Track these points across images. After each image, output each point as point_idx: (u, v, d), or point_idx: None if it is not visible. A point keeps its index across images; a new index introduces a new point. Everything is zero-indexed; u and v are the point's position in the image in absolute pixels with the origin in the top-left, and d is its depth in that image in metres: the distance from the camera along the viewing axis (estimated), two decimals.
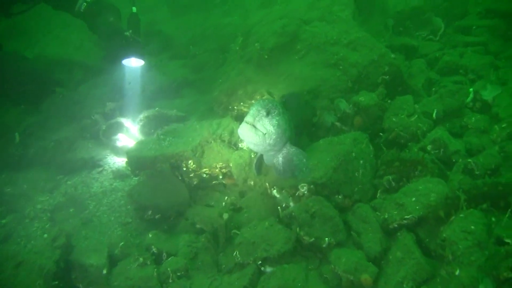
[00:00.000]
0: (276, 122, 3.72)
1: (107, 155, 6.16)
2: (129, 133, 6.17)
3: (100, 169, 5.96)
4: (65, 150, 6.22)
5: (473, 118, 4.79)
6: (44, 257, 4.10)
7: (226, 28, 8.77)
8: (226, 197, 4.74)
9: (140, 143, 5.10)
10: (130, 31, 5.33)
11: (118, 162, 6.00)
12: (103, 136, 6.30)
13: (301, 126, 4.85)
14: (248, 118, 3.67)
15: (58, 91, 6.89)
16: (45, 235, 4.60)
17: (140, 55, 5.56)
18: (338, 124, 4.95)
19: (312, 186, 4.17)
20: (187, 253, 4.31)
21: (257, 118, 3.67)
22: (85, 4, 5.43)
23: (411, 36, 6.86)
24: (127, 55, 5.51)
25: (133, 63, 5.68)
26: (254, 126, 3.65)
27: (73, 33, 8.79)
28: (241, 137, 3.77)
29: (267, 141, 3.72)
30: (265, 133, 3.67)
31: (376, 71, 5.20)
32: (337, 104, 4.93)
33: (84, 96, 7.16)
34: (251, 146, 3.94)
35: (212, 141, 4.95)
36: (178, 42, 8.80)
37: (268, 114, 3.70)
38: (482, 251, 3.39)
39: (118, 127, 6.29)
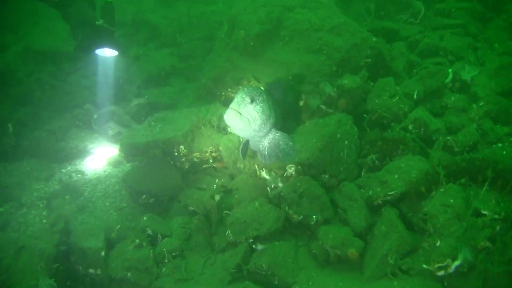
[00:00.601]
0: (260, 109, 3.86)
1: (100, 143, 6.31)
2: (121, 121, 6.31)
3: (94, 156, 6.11)
4: (59, 139, 6.35)
5: (452, 97, 4.97)
6: (44, 241, 4.27)
7: (211, 16, 8.88)
8: (217, 180, 4.89)
9: (132, 130, 5.26)
10: (102, 20, 5.20)
11: (111, 149, 6.15)
12: (95, 125, 6.44)
13: (287, 111, 4.97)
14: (233, 105, 3.79)
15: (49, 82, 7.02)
16: (44, 221, 4.76)
17: (113, 45, 5.39)
18: (323, 107, 5.10)
19: (299, 166, 4.35)
20: (181, 235, 4.50)
21: (241, 105, 3.79)
22: None
23: (393, 19, 7.01)
24: (99, 45, 5.34)
25: (107, 53, 5.51)
26: (239, 112, 3.76)
27: (60, 24, 8.82)
28: (227, 123, 3.90)
29: (252, 127, 3.84)
30: (250, 119, 3.79)
31: (358, 54, 5.34)
32: (322, 88, 5.07)
33: (74, 87, 7.27)
34: (237, 132, 4.10)
35: (202, 126, 5.09)
36: (165, 31, 8.88)
37: (252, 101, 3.82)
38: (460, 222, 3.58)
39: (110, 116, 6.43)
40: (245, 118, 3.78)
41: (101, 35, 5.20)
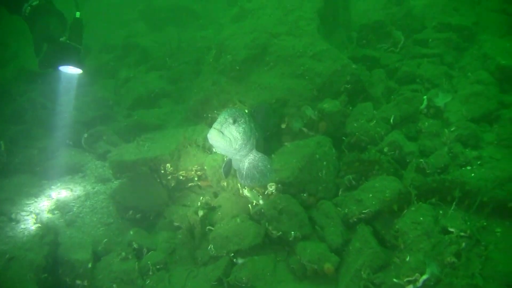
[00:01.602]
0: (242, 130, 3.96)
1: (89, 161, 6.50)
2: (110, 140, 6.50)
3: (83, 174, 6.30)
4: (49, 157, 6.52)
5: (426, 123, 5.21)
6: (33, 252, 4.45)
7: (201, 41, 9.15)
8: (201, 197, 5.09)
9: (121, 148, 5.44)
10: (65, 37, 4.89)
11: (99, 167, 6.34)
12: (85, 144, 6.64)
13: (271, 132, 5.19)
14: (215, 125, 3.89)
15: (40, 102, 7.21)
16: (34, 233, 4.92)
17: (76, 63, 5.03)
18: (304, 129, 5.32)
19: (279, 185, 4.58)
20: (166, 248, 4.71)
21: (224, 125, 3.88)
22: (29, 8, 5.06)
23: (374, 48, 7.28)
24: (60, 62, 5.01)
25: (70, 70, 5.16)
26: (221, 132, 3.86)
27: None
28: (209, 141, 3.98)
29: (233, 146, 3.93)
30: (231, 139, 3.90)
31: (339, 80, 5.56)
32: (304, 111, 5.29)
33: (65, 107, 7.48)
34: (218, 150, 4.27)
35: (188, 146, 5.31)
36: (155, 54, 9.13)
37: (234, 121, 3.92)
38: (429, 239, 3.81)
39: (99, 135, 6.64)
40: (227, 138, 3.88)
41: (64, 52, 4.92)
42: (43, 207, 5.69)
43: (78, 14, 5.09)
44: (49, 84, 8.12)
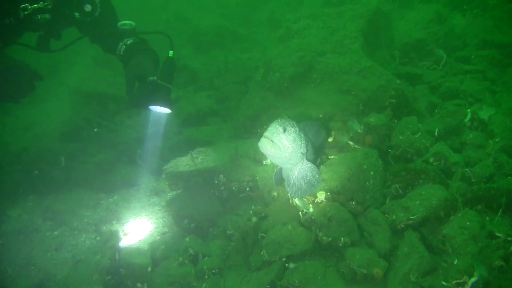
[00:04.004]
0: (292, 138, 4.16)
1: (144, 176, 6.83)
2: (163, 156, 6.81)
3: (138, 187, 6.63)
4: (105, 172, 6.88)
5: (470, 135, 5.35)
6: (98, 255, 4.75)
7: (246, 62, 9.48)
8: (252, 207, 5.32)
9: (176, 161, 5.69)
10: (155, 77, 4.73)
11: (153, 181, 6.67)
12: (139, 159, 6.99)
13: (321, 146, 5.36)
14: (266, 133, 4.14)
15: (96, 121, 7.60)
16: (98, 238, 5.25)
17: (165, 103, 4.88)
18: (351, 143, 5.50)
19: (329, 193, 4.78)
20: (220, 255, 4.92)
21: (274, 134, 4.10)
22: (124, 47, 5.12)
23: (416, 66, 7.46)
24: (149, 101, 4.87)
25: (159, 109, 5.02)
26: (271, 140, 4.08)
27: (106, 69, 9.55)
28: (260, 149, 4.21)
29: (283, 154, 4.13)
30: (281, 147, 4.10)
31: (383, 95, 5.77)
32: (350, 125, 5.49)
33: (119, 125, 7.87)
34: (269, 158, 4.50)
35: (240, 158, 5.58)
36: (203, 76, 9.47)
37: (284, 130, 4.13)
38: (476, 243, 3.93)
39: (153, 151, 6.98)
40: (277, 146, 4.10)
41: (153, 91, 4.77)
42: (101, 217, 6.02)
43: (171, 53, 5.10)
44: (104, 105, 8.59)
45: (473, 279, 3.68)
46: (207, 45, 11.25)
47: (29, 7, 4.33)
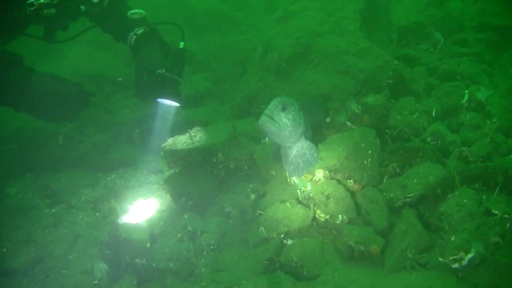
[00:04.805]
0: (292, 117, 4.14)
1: (141, 155, 6.85)
2: (160, 136, 6.81)
3: (135, 167, 6.64)
4: (103, 152, 6.91)
5: (467, 115, 5.38)
6: (97, 230, 4.80)
7: (243, 44, 9.42)
8: (250, 185, 5.34)
9: (174, 139, 5.69)
10: (163, 70, 4.65)
11: (151, 161, 6.68)
12: (136, 139, 7.00)
13: (318, 125, 5.42)
14: (266, 111, 4.10)
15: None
16: (97, 214, 5.27)
17: (173, 97, 4.84)
18: (348, 123, 5.51)
19: (327, 171, 4.81)
20: (218, 232, 4.96)
21: (274, 112, 4.07)
22: (134, 37, 5.04)
23: (413, 49, 7.47)
24: (157, 95, 4.85)
25: (167, 102, 4.98)
26: (271, 118, 4.05)
27: (102, 51, 9.52)
28: (260, 127, 4.19)
29: (283, 132, 4.11)
30: (281, 125, 4.07)
31: (381, 75, 5.78)
32: (347, 105, 5.50)
33: (116, 106, 7.85)
34: (269, 136, 4.49)
35: (238, 137, 5.59)
36: (199, 58, 9.40)
37: (284, 109, 4.11)
38: (473, 220, 3.98)
39: (150, 131, 6.99)
40: (276, 124, 4.07)
41: (162, 84, 4.72)
42: (99, 196, 6.04)
43: (182, 44, 5.05)
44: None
45: (470, 255, 3.74)
46: (203, 28, 11.17)
47: (36, 2, 4.33)
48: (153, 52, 4.97)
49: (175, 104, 4.96)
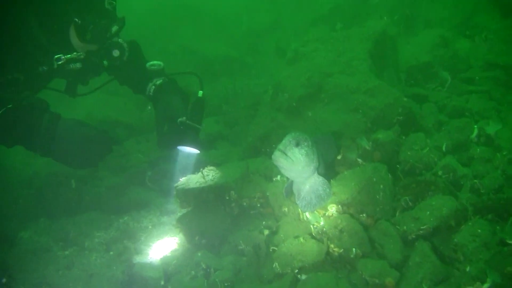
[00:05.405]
0: (305, 152, 4.18)
1: (154, 198, 6.90)
2: (173, 178, 6.88)
3: (148, 209, 6.69)
4: (116, 195, 6.97)
5: (478, 149, 5.43)
6: (112, 269, 4.79)
7: (254, 88, 9.64)
8: (263, 222, 5.36)
9: (187, 178, 5.75)
10: (185, 118, 4.67)
11: (164, 203, 6.73)
12: (149, 181, 7.07)
13: (332, 162, 5.48)
14: (280, 146, 4.17)
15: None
16: (111, 253, 5.29)
17: (194, 144, 4.84)
18: (359, 160, 5.56)
19: (339, 206, 4.83)
20: (232, 269, 4.95)
21: (288, 147, 4.13)
22: (153, 87, 5.10)
23: (422, 87, 7.59)
24: (178, 142, 4.84)
25: (188, 150, 4.96)
26: (284, 153, 4.10)
27: (115, 96, 9.72)
28: (274, 162, 4.23)
29: (296, 167, 4.16)
30: (294, 160, 4.12)
31: (391, 112, 5.85)
32: (358, 142, 5.56)
33: (129, 150, 7.97)
34: (282, 171, 4.54)
35: (251, 175, 5.64)
36: (211, 102, 9.57)
37: (297, 144, 4.17)
38: (488, 250, 3.98)
39: (163, 173, 7.06)
40: (290, 159, 4.12)
41: (182, 132, 4.74)
42: (112, 237, 6.07)
43: (200, 93, 5.09)
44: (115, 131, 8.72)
45: (486, 285, 3.72)
46: (215, 73, 11.42)
47: (63, 57, 4.43)
48: (173, 101, 5.00)
49: (196, 151, 4.98)
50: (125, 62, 4.89)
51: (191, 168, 6.00)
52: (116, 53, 4.76)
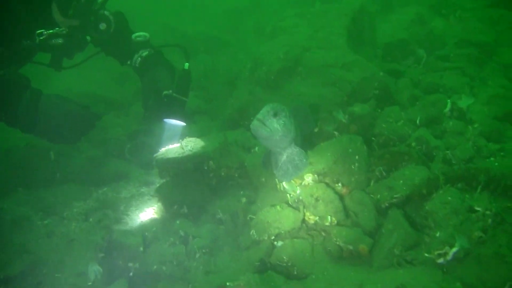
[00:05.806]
0: (283, 122, 4.20)
1: (133, 170, 6.95)
2: (151, 151, 6.93)
3: (127, 180, 6.74)
4: (95, 166, 6.99)
5: (450, 123, 5.57)
6: (91, 234, 4.85)
7: (233, 64, 9.66)
8: (241, 192, 5.46)
9: (166, 149, 5.80)
10: (171, 90, 4.82)
11: (143, 174, 6.78)
12: (128, 154, 7.11)
13: (308, 133, 5.52)
14: (258, 116, 4.17)
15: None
16: (91, 219, 5.34)
17: (180, 117, 4.99)
18: (336, 132, 5.65)
19: (315, 175, 4.94)
20: (211, 237, 5.05)
21: (266, 117, 4.14)
22: (139, 59, 5.19)
23: (398, 64, 7.72)
24: (164, 115, 4.99)
25: (174, 122, 5.15)
26: (263, 123, 4.11)
27: (96, 72, 9.69)
28: (252, 131, 4.24)
29: (274, 137, 4.18)
30: (272, 130, 4.14)
31: (367, 86, 5.97)
32: (335, 115, 5.65)
33: (108, 123, 7.98)
34: (260, 140, 4.59)
35: (230, 146, 5.71)
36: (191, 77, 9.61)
37: (275, 115, 4.18)
38: (457, 216, 4.13)
39: (142, 146, 7.10)
40: (268, 129, 4.14)
41: (168, 105, 4.88)
42: (91, 207, 6.11)
43: (186, 65, 5.21)
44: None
45: (454, 249, 3.85)
46: (194, 50, 11.42)
47: (45, 32, 4.48)
48: (159, 74, 5.12)
49: (182, 123, 5.13)
50: (111, 34, 4.94)
51: (177, 140, 6.05)
52: (103, 26, 4.81)
